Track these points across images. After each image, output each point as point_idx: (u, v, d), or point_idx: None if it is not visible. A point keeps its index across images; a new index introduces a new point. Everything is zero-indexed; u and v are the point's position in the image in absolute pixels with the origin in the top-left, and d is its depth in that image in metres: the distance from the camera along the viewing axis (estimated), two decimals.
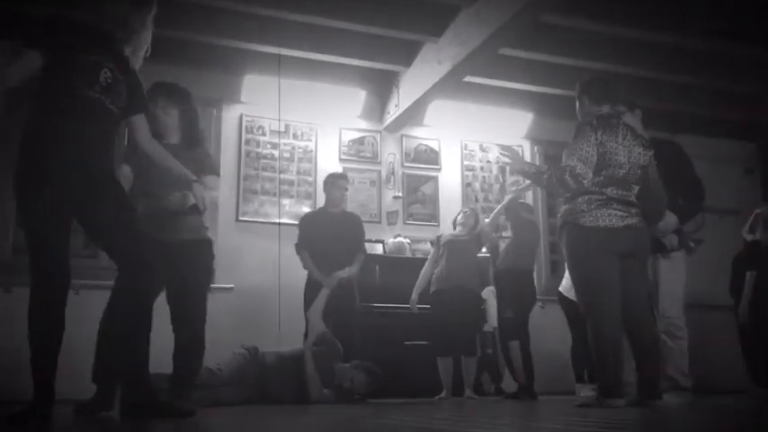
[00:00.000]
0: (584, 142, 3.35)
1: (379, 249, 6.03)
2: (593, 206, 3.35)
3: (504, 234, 5.43)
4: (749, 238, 5.76)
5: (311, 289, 4.82)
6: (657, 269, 3.94)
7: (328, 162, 6.27)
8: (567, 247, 3.45)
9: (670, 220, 3.81)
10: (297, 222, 5.93)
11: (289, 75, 5.89)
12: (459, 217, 5.43)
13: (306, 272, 4.96)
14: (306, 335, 4.63)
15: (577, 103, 3.69)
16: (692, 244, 5.37)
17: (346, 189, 5.23)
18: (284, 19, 5.19)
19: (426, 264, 5.32)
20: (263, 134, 6.08)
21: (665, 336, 3.82)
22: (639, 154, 3.45)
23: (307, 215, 5.27)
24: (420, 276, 5.26)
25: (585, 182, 3.31)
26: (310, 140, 6.27)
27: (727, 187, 7.33)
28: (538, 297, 6.36)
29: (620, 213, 3.37)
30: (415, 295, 5.20)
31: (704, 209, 5.65)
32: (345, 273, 4.80)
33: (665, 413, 3.00)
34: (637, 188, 3.46)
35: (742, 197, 7.18)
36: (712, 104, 6.60)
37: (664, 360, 3.75)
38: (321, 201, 6.11)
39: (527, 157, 6.95)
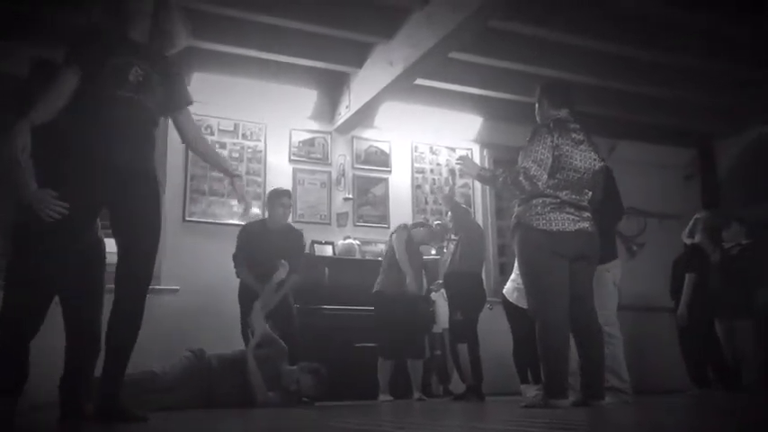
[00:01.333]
0: (540, 144, 3.38)
1: (328, 251, 5.99)
2: (546, 209, 3.39)
3: (452, 237, 5.46)
4: (689, 241, 5.95)
5: (245, 297, 4.78)
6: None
7: (278, 162, 6.21)
8: (519, 249, 3.47)
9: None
10: (245, 223, 5.87)
11: (238, 73, 5.82)
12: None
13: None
14: (244, 337, 4.59)
15: (536, 106, 3.72)
16: (634, 248, 5.52)
17: (289, 207, 5.15)
18: (234, 17, 5.12)
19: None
20: (212, 133, 5.98)
21: None
22: (594, 160, 3.51)
23: (246, 227, 5.13)
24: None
25: (540, 184, 3.34)
26: (260, 140, 6.19)
27: (667, 193, 7.56)
28: (487, 299, 6.46)
29: (573, 217, 3.42)
30: None
31: (647, 214, 5.80)
32: (276, 278, 4.70)
33: (608, 413, 3.06)
34: (589, 193, 3.51)
35: (682, 202, 7.41)
36: (654, 112, 6.78)
37: None
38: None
39: (476, 161, 7.02)
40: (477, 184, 6.97)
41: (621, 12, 5.12)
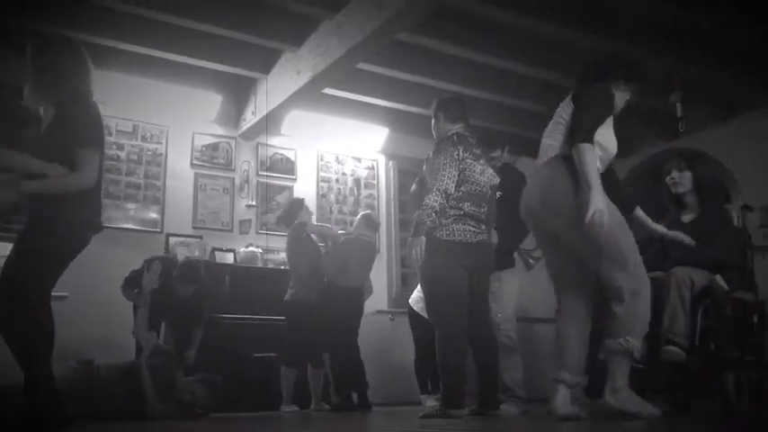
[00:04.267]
0: (448, 157, 3.47)
1: (229, 259, 5.86)
2: (449, 220, 3.46)
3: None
4: None
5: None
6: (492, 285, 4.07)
7: (179, 167, 6.03)
8: (422, 258, 3.47)
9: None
10: (143, 228, 5.67)
11: (139, 73, 5.61)
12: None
13: None
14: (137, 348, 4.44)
15: (433, 120, 3.80)
16: (531, 261, 5.71)
17: None
18: (136, 15, 4.93)
19: None
20: (109, 134, 5.71)
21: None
22: (492, 175, 3.64)
23: None
24: None
25: (448, 199, 3.43)
26: (160, 143, 5.99)
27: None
28: (388, 309, 6.51)
29: (474, 229, 3.51)
30: None
31: None
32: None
33: (502, 422, 3.14)
34: (486, 207, 3.60)
35: None
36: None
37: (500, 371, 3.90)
38: (169, 205, 5.88)
39: (382, 172, 7.09)
40: (383, 194, 7.03)
41: (522, 34, 5.31)
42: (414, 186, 3.96)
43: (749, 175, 6.21)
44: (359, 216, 5.52)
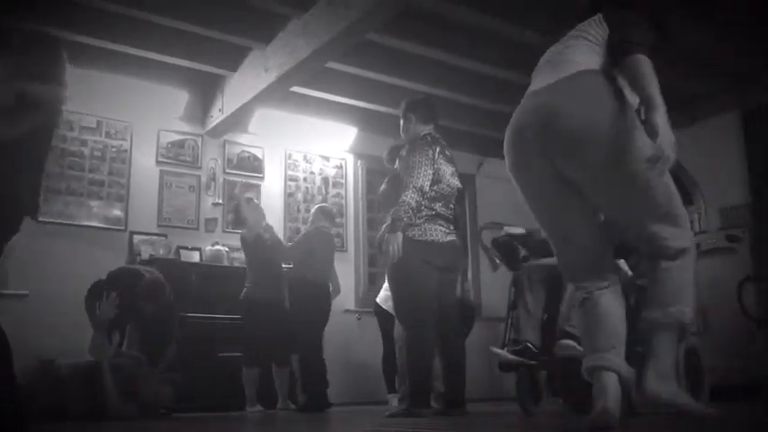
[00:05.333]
0: (423, 156, 3.55)
1: (195, 257, 5.81)
2: (421, 220, 3.52)
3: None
4: None
5: None
6: None
7: (144, 164, 5.95)
8: (388, 256, 3.51)
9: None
10: (106, 226, 5.61)
11: (103, 68, 5.52)
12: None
13: None
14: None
15: (402, 121, 3.86)
16: (497, 261, 5.75)
17: None
18: (101, 9, 4.84)
19: None
20: (72, 129, 5.63)
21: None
22: (457, 177, 3.74)
23: None
24: None
25: (424, 198, 3.51)
26: (125, 140, 5.90)
27: (527, 210, 7.96)
28: (355, 309, 6.51)
29: (444, 229, 3.59)
30: None
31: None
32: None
33: (468, 421, 3.17)
34: (453, 208, 3.70)
35: None
36: None
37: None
38: (134, 203, 5.81)
39: (350, 171, 7.09)
40: (350, 194, 7.03)
41: (490, 35, 5.35)
42: (384, 186, 3.98)
43: (709, 178, 6.35)
44: (315, 209, 5.53)
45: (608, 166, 2.05)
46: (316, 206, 5.67)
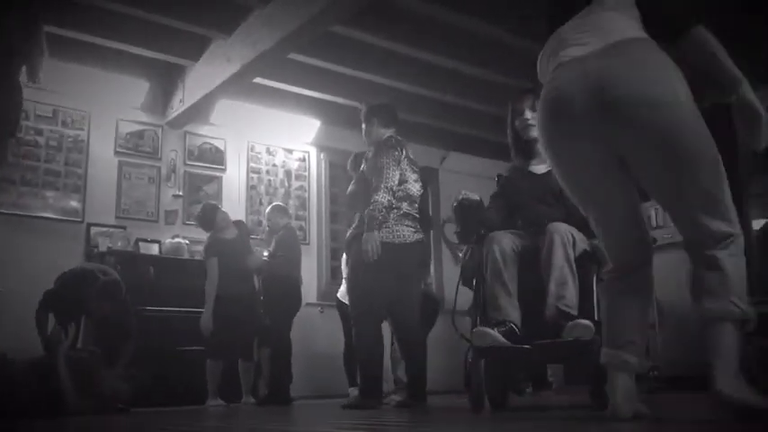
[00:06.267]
0: (390, 157, 3.69)
1: (154, 250, 5.72)
2: (389, 221, 3.65)
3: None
4: None
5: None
6: None
7: (102, 154, 5.83)
8: (357, 256, 3.63)
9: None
10: (63, 217, 5.49)
11: (60, 56, 5.36)
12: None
13: None
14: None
15: (365, 125, 3.99)
16: (459, 254, 5.79)
17: None
18: None
19: None
20: (27, 118, 5.47)
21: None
22: (418, 176, 3.88)
23: None
24: None
25: (394, 201, 3.65)
26: (82, 129, 5.77)
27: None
28: (317, 302, 6.49)
29: (412, 229, 3.73)
30: None
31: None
32: None
33: (428, 413, 3.20)
34: (417, 207, 3.83)
35: None
36: (481, 126, 7.15)
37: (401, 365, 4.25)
38: (91, 194, 5.69)
39: (313, 164, 7.05)
40: (313, 187, 7.00)
41: (454, 30, 5.38)
42: (351, 187, 4.05)
43: None
44: (272, 209, 5.54)
45: (667, 142, 1.84)
46: (272, 205, 5.67)
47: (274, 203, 5.77)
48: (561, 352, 2.64)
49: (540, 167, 3.08)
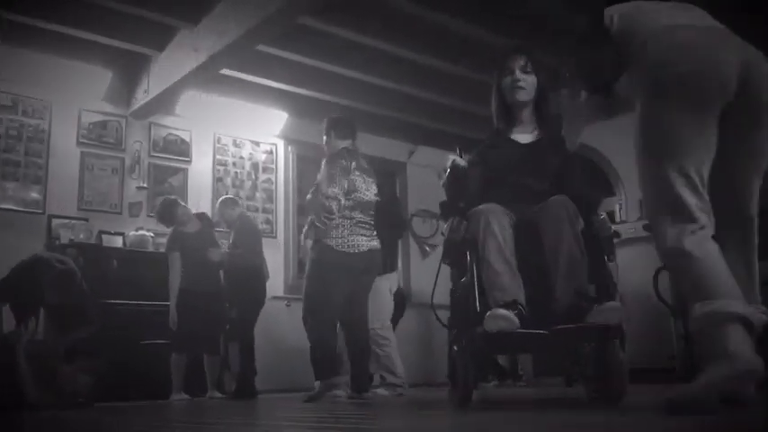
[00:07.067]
0: (338, 168, 3.89)
1: (118, 242, 5.63)
2: (345, 231, 3.87)
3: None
4: None
5: None
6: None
7: (64, 145, 5.71)
8: (313, 263, 3.91)
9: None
10: (23, 209, 5.39)
11: (21, 44, 5.26)
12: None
13: None
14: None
15: (324, 136, 4.23)
16: (427, 248, 5.82)
17: None
18: None
19: None
20: None
21: (373, 345, 4.43)
22: (373, 185, 4.11)
23: None
24: None
25: (340, 206, 3.83)
26: (43, 119, 5.64)
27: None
28: (284, 296, 6.47)
29: (366, 238, 3.95)
30: None
31: (440, 216, 6.13)
32: None
33: (370, 403, 3.28)
34: (373, 215, 4.06)
35: None
36: (448, 120, 7.18)
37: (378, 363, 4.54)
38: (52, 185, 5.58)
39: (281, 157, 7.01)
40: (281, 180, 6.96)
41: (425, 26, 5.39)
42: (309, 196, 4.18)
43: (630, 170, 6.57)
44: (221, 203, 5.50)
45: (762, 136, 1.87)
46: (220, 200, 5.60)
47: (222, 197, 5.68)
48: (584, 337, 2.39)
49: (524, 136, 2.81)
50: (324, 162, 4.05)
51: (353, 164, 3.96)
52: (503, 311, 2.22)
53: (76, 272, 4.43)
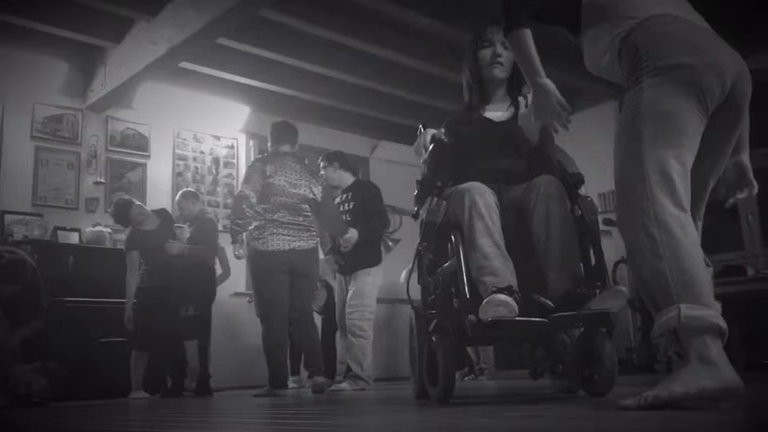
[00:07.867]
0: (257, 172, 4.12)
1: (74, 239, 5.50)
2: (265, 232, 4.07)
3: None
4: None
5: None
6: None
7: (17, 139, 5.56)
8: (249, 266, 4.21)
9: (352, 236, 4.53)
10: None
11: None
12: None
13: None
14: None
15: (269, 140, 4.43)
16: (390, 243, 5.84)
17: None
18: None
19: None
20: None
21: (350, 334, 4.55)
22: (307, 188, 4.25)
23: None
24: None
25: (253, 209, 4.05)
26: None
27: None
28: (245, 291, 6.40)
29: (288, 238, 4.11)
30: None
31: (403, 211, 6.15)
32: None
33: (330, 397, 3.27)
34: (307, 216, 4.24)
35: None
36: (410, 114, 7.17)
37: (349, 351, 4.59)
38: (5, 181, 5.42)
39: (242, 151, 6.93)
40: (242, 174, 6.86)
41: (387, 21, 5.37)
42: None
43: (590, 165, 6.65)
44: (182, 195, 5.45)
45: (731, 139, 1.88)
46: (181, 192, 5.53)
47: (183, 190, 5.60)
48: (584, 324, 2.20)
49: (497, 114, 2.62)
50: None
51: (272, 167, 4.13)
52: (503, 297, 2.00)
53: (27, 261, 4.30)
